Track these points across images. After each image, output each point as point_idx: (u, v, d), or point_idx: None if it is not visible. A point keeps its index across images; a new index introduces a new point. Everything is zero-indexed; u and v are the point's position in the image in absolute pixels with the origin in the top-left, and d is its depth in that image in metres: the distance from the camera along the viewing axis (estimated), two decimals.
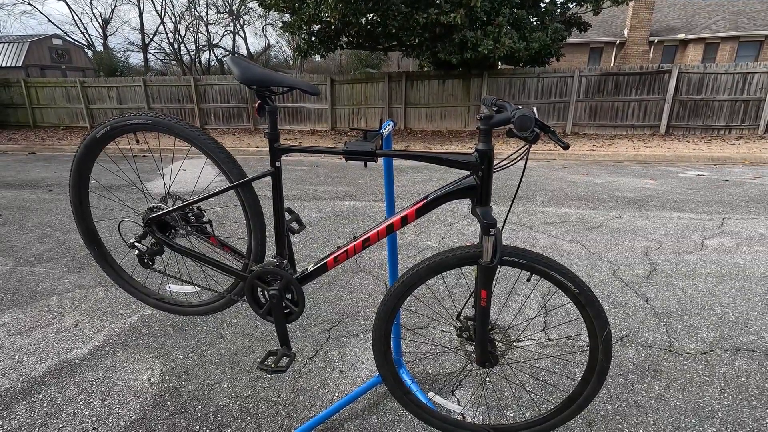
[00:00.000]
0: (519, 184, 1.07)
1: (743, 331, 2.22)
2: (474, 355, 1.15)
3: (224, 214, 4.36)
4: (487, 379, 1.89)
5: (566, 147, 0.83)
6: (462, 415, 1.68)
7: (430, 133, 11.00)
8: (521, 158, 0.96)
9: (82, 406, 1.78)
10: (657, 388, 1.82)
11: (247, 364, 2.03)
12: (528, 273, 1.05)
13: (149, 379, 1.94)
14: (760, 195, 4.85)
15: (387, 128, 1.29)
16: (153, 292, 1.34)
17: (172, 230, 1.22)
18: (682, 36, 18.45)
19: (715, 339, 2.16)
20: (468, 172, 1.00)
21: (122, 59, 29.49)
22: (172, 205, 1.19)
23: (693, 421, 1.65)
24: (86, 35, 32.39)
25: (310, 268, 1.17)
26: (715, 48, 17.97)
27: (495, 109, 1.06)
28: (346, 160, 1.03)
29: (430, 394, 1.78)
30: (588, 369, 1.11)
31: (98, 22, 30.32)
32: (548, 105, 10.58)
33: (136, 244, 1.19)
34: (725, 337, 2.17)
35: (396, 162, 7.47)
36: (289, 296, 1.19)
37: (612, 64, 19.13)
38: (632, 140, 9.42)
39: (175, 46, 31.77)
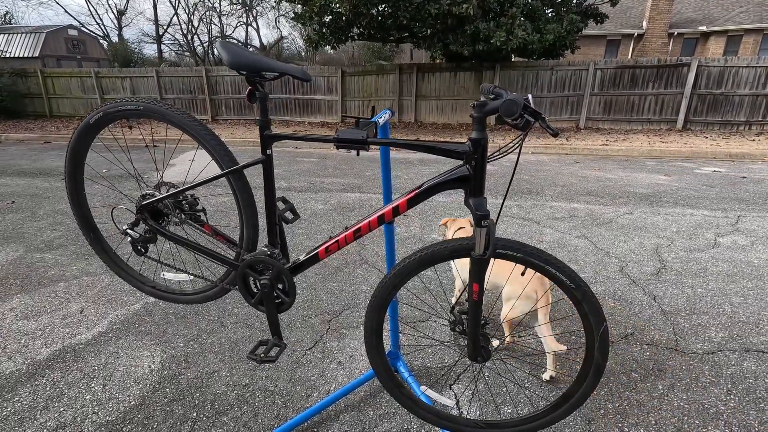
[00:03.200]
0: (513, 174, 1.04)
1: (754, 331, 2.16)
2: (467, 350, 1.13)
3: (230, 204, 4.38)
4: (486, 374, 1.86)
5: (555, 134, 0.80)
6: (455, 409, 1.66)
7: (440, 126, 10.90)
8: (515, 147, 0.93)
9: (83, 391, 1.80)
10: (660, 387, 1.78)
11: (246, 354, 2.03)
12: (522, 267, 1.02)
13: (150, 366, 1.96)
14: None
15: (384, 117, 1.26)
16: (147, 279, 1.35)
17: (165, 218, 1.21)
18: (703, 28, 17.90)
19: (723, 339, 2.10)
20: (461, 162, 0.97)
21: (137, 50, 29.74)
22: (166, 193, 1.19)
23: (696, 422, 1.61)
24: (101, 26, 32.77)
25: (302, 258, 1.15)
26: (737, 41, 17.41)
27: (492, 96, 1.02)
28: (338, 149, 1.00)
29: (423, 388, 1.76)
30: (584, 366, 1.08)
31: (113, 13, 30.65)
32: (562, 98, 10.39)
33: (128, 230, 1.19)
34: (734, 338, 2.11)
35: (404, 155, 7.43)
36: (280, 286, 1.18)
37: (629, 57, 18.68)
38: (647, 135, 9.21)
39: (189, 37, 31.94)
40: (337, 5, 8.82)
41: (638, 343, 2.08)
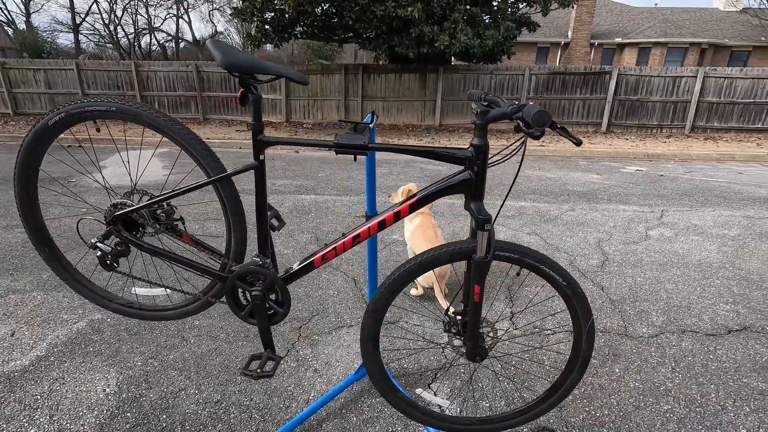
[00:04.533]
0: (515, 178, 1.08)
1: (686, 314, 2.42)
2: (464, 350, 1.16)
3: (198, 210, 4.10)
4: (472, 373, 1.91)
5: (579, 143, 0.84)
6: (448, 409, 1.69)
7: (387, 127, 11.00)
8: (515, 152, 0.96)
9: (26, 425, 1.60)
10: (617, 371, 1.94)
11: (214, 368, 1.92)
12: (518, 267, 1.06)
13: (104, 390, 1.79)
14: (691, 189, 5.31)
15: (374, 121, 1.25)
16: (115, 296, 1.22)
17: (141, 229, 1.11)
18: (619, 40, 19.73)
19: (663, 322, 2.33)
20: (462, 167, 0.99)
21: (49, 39, 26.82)
22: (139, 201, 1.09)
23: (650, 399, 1.77)
24: (5, 11, 29.17)
25: (295, 266, 1.11)
26: (647, 52, 19.40)
27: (485, 104, 1.05)
28: (337, 154, 0.98)
29: (418, 390, 1.78)
30: (571, 358, 1.15)
31: None
32: None
33: (98, 244, 1.07)
34: (672, 321, 2.35)
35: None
36: (272, 297, 1.13)
37: (558, 63, 20.10)
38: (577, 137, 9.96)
39: (111, 27, 29.40)
40: (281, 2, 8.59)
41: (594, 331, 2.24)
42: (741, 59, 20.01)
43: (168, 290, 1.20)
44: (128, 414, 1.66)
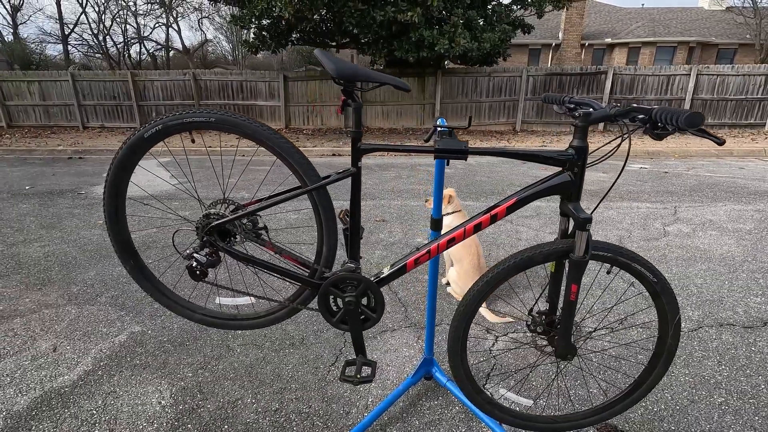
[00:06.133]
0: (616, 179, 1.11)
1: (720, 308, 2.46)
2: (550, 349, 1.17)
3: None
4: (558, 371, 1.93)
5: (722, 143, 0.86)
6: (530, 408, 1.70)
7: (387, 131, 11.04)
8: (613, 152, 0.99)
9: None
10: None
11: (266, 377, 1.92)
12: (609, 265, 1.08)
13: (160, 402, 1.77)
14: (698, 185, 5.40)
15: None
16: (198, 306, 1.22)
17: (232, 238, 1.12)
18: (609, 40, 20.03)
19: (700, 317, 2.37)
20: (560, 169, 1.01)
21: (38, 50, 26.52)
22: (230, 211, 1.09)
23: (703, 393, 1.80)
24: None
25: (386, 271, 1.12)
26: (637, 51, 19.71)
27: (571, 106, 1.08)
28: (435, 158, 1.00)
29: (502, 390, 1.79)
30: (656, 353, 1.17)
31: (6, 9, 27.02)
32: (499, 103, 11.02)
33: (194, 255, 1.07)
34: (708, 314, 2.39)
35: (362, 160, 7.42)
36: (364, 302, 1.13)
37: (549, 64, 20.35)
38: None
39: (100, 37, 29.12)
40: (280, 9, 8.60)
41: (634, 327, 2.27)
42: (727, 57, 20.42)
43: (253, 299, 1.20)
44: (189, 425, 1.65)
